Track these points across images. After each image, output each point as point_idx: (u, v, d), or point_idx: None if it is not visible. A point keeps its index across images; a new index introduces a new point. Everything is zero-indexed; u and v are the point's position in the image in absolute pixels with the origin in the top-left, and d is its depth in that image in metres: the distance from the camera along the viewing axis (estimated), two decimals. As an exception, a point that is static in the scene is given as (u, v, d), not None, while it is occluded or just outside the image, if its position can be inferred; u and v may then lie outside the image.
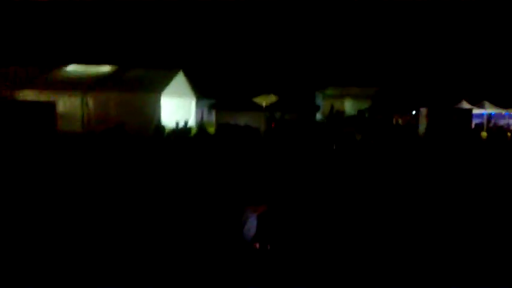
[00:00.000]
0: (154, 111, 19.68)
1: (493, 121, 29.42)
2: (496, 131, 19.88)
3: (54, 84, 20.45)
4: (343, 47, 37.14)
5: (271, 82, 30.23)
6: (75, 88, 20.08)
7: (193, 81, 25.60)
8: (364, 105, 33.33)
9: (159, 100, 20.09)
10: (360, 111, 31.09)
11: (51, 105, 16.04)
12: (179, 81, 23.63)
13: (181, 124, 17.75)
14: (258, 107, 23.10)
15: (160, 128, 15.52)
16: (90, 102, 19.70)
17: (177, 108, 24.32)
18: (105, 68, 23.41)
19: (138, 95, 20.02)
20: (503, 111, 32.07)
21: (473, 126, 21.70)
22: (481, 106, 31.31)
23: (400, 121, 24.98)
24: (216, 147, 10.67)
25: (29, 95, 19.52)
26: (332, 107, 31.47)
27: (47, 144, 11.71)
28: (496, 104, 32.40)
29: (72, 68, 23.44)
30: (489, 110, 31.29)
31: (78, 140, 15.00)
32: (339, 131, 18.00)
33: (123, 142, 12.15)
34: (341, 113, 32.32)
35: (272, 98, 24.87)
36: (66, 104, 19.56)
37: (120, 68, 23.38)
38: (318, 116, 30.06)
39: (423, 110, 18.26)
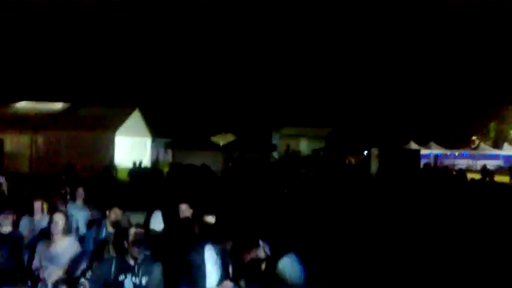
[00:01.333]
0: (107, 151, 19.15)
1: (439, 161, 30.92)
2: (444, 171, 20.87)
3: (1, 122, 19.54)
4: (298, 88, 38.42)
5: (228, 121, 30.51)
6: (24, 126, 19.28)
7: (149, 119, 25.35)
8: (319, 145, 34.29)
9: (113, 139, 19.62)
10: (314, 151, 31.86)
11: (-2, 144, 15.27)
12: (134, 119, 23.31)
13: (137, 164, 17.37)
14: (216, 146, 23.11)
15: (109, 169, 15.08)
16: (40, 141, 18.91)
17: (132, 147, 23.84)
18: (57, 106, 22.76)
19: (91, 134, 19.46)
20: (449, 152, 33.97)
21: (421, 166, 22.71)
22: (428, 147, 33.05)
23: (352, 161, 25.76)
24: (169, 188, 10.45)
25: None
26: (288, 147, 32.09)
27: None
28: (442, 144, 34.33)
29: (21, 105, 22.61)
30: (435, 150, 33.05)
31: (24, 181, 14.26)
32: (294, 171, 18.27)
33: (73, 184, 11.67)
34: (297, 152, 32.97)
35: (229, 137, 25.03)
36: (14, 142, 18.69)
37: (72, 106, 22.81)
38: (275, 154, 30.45)
39: (374, 150, 18.98)
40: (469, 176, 17.09)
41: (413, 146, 32.78)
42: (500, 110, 31.79)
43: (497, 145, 34.03)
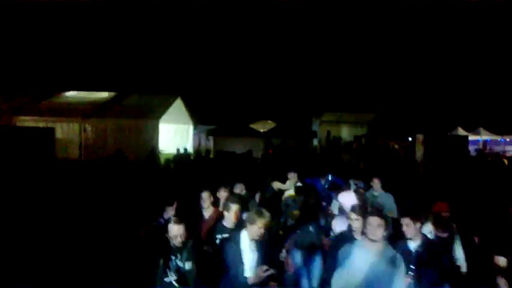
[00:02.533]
0: (151, 138, 19.68)
1: (488, 147, 29.59)
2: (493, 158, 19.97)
3: (52, 111, 20.49)
4: (339, 72, 37.64)
5: (268, 108, 30.43)
6: (74, 115, 20.13)
7: (190, 107, 25.77)
8: (361, 131, 33.59)
9: (157, 127, 20.14)
10: (356, 137, 31.30)
11: (50, 131, 16.02)
12: (177, 107, 23.78)
13: (181, 151, 17.77)
14: (256, 133, 23.23)
15: (154, 154, 15.52)
16: (88, 129, 19.71)
17: (175, 134, 24.40)
18: (103, 95, 23.58)
19: (135, 121, 20.06)
20: (499, 138, 32.34)
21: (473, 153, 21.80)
22: (477, 133, 31.58)
23: (396, 147, 25.08)
24: (215, 172, 10.64)
25: (27, 121, 19.55)
26: (329, 133, 31.69)
27: (47, 172, 11.67)
28: (491, 130, 32.69)
29: (70, 95, 23.60)
30: (484, 136, 31.56)
31: (77, 167, 14.94)
32: (336, 157, 18.05)
33: (123, 169, 12.14)
34: (338, 139, 32.52)
35: (269, 124, 25.05)
36: (64, 130, 19.57)
37: (117, 95, 23.55)
38: (315, 142, 30.17)
39: (419, 137, 18.34)
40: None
41: (461, 132, 31.45)
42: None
43: (553, 130, 32.04)
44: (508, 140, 32.06)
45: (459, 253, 5.60)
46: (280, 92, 36.51)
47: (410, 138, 24.82)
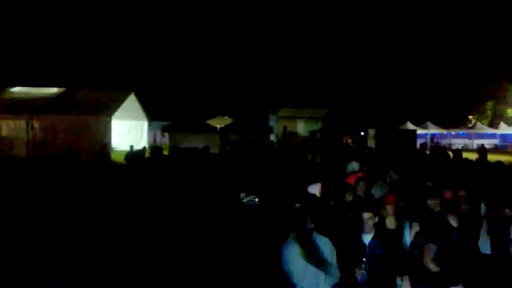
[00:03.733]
0: (104, 134, 19.10)
1: (435, 140, 31.04)
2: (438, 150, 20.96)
3: (-4, 107, 19.45)
4: (295, 68, 38.12)
5: (224, 104, 30.35)
6: (20, 111, 19.16)
7: (144, 103, 25.25)
8: (316, 126, 34.29)
9: (110, 123, 19.57)
10: (311, 133, 31.89)
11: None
12: (130, 103, 23.22)
13: (136, 148, 17.32)
14: (212, 129, 23.08)
15: (105, 152, 15.09)
16: (36, 125, 18.82)
17: (129, 131, 23.82)
18: (52, 90, 22.59)
19: (87, 118, 19.39)
20: (445, 131, 34.10)
21: (418, 146, 22.81)
22: (425, 127, 33.13)
23: (349, 141, 25.78)
24: (171, 168, 10.47)
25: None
26: (285, 128, 32.07)
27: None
28: (438, 124, 34.41)
29: (16, 90, 22.43)
30: (432, 130, 33.15)
31: (23, 165, 14.25)
32: (291, 152, 18.29)
33: (74, 166, 11.72)
34: (294, 134, 32.99)
35: (226, 120, 24.99)
36: (10, 127, 18.60)
37: (68, 90, 22.65)
38: (272, 137, 30.46)
39: (371, 131, 19.03)
40: (466, 154, 17.17)
41: (410, 126, 32.86)
42: (497, 89, 31.82)
43: (493, 124, 34.15)
44: (453, 133, 33.85)
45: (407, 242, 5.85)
46: (237, 87, 36.52)
47: (362, 133, 25.65)
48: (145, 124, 25.02)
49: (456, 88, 33.44)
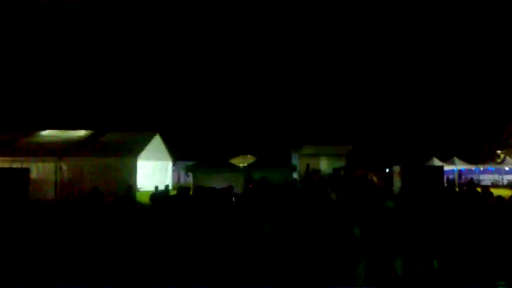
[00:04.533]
0: (129, 175, 19.41)
1: (463, 177, 30.23)
2: (467, 185, 20.36)
3: (27, 150, 20.10)
4: (317, 106, 38.41)
5: (247, 143, 30.64)
6: (49, 154, 19.76)
7: (169, 143, 25.72)
8: (339, 163, 33.97)
9: (135, 164, 19.92)
10: (335, 170, 31.56)
11: (25, 172, 15.65)
12: (155, 144, 23.69)
13: (161, 187, 17.50)
14: (236, 168, 23.17)
15: (130, 190, 15.25)
16: (64, 168, 19.32)
17: (153, 171, 24.19)
18: (80, 133, 23.31)
19: (113, 159, 19.80)
20: (473, 167, 33.19)
21: (445, 182, 22.23)
22: (452, 163, 32.37)
23: (374, 179, 25.39)
24: (195, 208, 10.49)
25: (2, 161, 19.07)
26: (308, 166, 31.88)
27: (19, 212, 11.31)
28: (466, 160, 33.59)
29: (46, 133, 23.25)
30: (459, 166, 32.34)
31: (52, 207, 14.53)
32: (314, 191, 18.07)
33: (100, 207, 11.87)
34: (317, 171, 32.70)
35: (249, 159, 25.11)
36: (40, 170, 19.14)
37: (95, 133, 23.32)
38: (295, 175, 30.27)
39: (396, 168, 18.68)
40: (496, 191, 16.62)
41: (436, 162, 32.18)
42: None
43: (523, 159, 33.11)
44: (481, 169, 32.91)
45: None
46: (260, 126, 36.91)
47: (387, 170, 25.24)
48: (169, 164, 25.37)
49: (483, 122, 32.85)
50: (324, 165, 35.50)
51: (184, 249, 7.35)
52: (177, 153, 26.62)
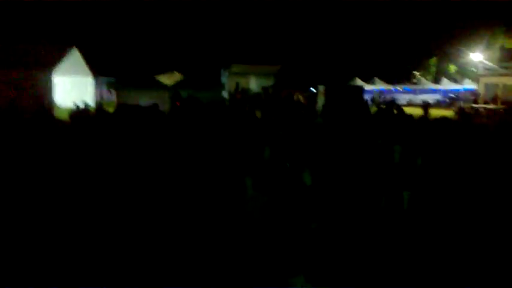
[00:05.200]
0: (45, 91, 18.08)
1: (383, 96, 32.03)
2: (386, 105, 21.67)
3: None
4: (246, 24, 37.43)
5: (174, 59, 29.47)
6: None
7: (89, 58, 24.01)
8: (268, 82, 34.26)
9: (50, 79, 18.49)
10: (264, 89, 31.87)
11: None
12: (73, 58, 21.99)
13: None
14: (162, 86, 22.48)
15: (46, 109, 14.34)
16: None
17: (72, 87, 22.70)
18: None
19: (26, 73, 18.18)
20: (392, 87, 35.25)
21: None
22: (372, 83, 34.08)
23: (300, 98, 26.07)
24: (116, 127, 10.13)
25: None
26: (237, 85, 31.81)
27: None
28: (386, 80, 35.47)
29: None
30: (379, 86, 34.17)
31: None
32: (241, 109, 18.25)
33: (17, 123, 11.08)
34: (246, 90, 32.83)
35: (177, 76, 24.36)
36: None
37: (4, 43, 21.03)
38: (224, 93, 30.16)
39: (321, 87, 19.26)
40: (410, 109, 17.94)
41: (359, 82, 33.65)
42: (441, 46, 32.95)
43: (437, 79, 35.64)
44: (399, 89, 35.04)
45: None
46: (188, 43, 35.45)
47: (313, 89, 25.99)
48: (90, 80, 23.90)
49: (402, 44, 34.29)
50: (254, 84, 35.65)
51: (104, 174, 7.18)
52: (98, 68, 25.02)
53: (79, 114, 13.13)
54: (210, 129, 10.18)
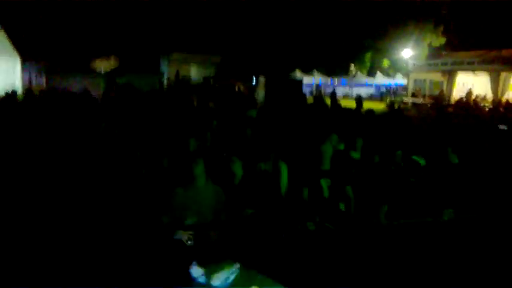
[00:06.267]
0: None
1: (318, 89, 32.92)
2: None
3: None
4: (188, 11, 36.58)
5: (110, 44, 28.14)
6: None
7: (16, 39, 22.38)
8: (209, 71, 34.02)
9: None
10: (205, 78, 31.58)
11: None
12: (-3, 39, 20.44)
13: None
14: (97, 72, 21.58)
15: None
16: None
17: (-3, 71, 21.15)
18: None
19: None
20: (329, 80, 36.34)
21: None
22: (311, 74, 34.97)
23: (242, 88, 26.15)
24: (43, 113, 9.54)
25: None
26: (178, 73, 31.23)
27: None
28: (325, 73, 36.47)
29: None
30: (317, 78, 35.13)
31: None
32: (185, 98, 17.98)
33: None
34: (187, 79, 32.36)
35: (112, 62, 23.46)
36: None
37: None
38: (164, 81, 29.51)
39: (261, 79, 19.43)
40: (346, 102, 18.65)
41: (299, 74, 34.35)
42: (375, 40, 34.29)
43: (371, 73, 37.18)
44: (336, 83, 36.18)
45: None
46: (126, 26, 33.96)
47: (254, 80, 26.13)
48: (18, 64, 22.32)
49: (340, 37, 35.22)
50: (194, 73, 35.22)
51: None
52: (27, 50, 23.36)
53: (5, 100, 12.26)
54: (143, 118, 9.90)
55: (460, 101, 23.04)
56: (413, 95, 27.61)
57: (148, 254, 3.84)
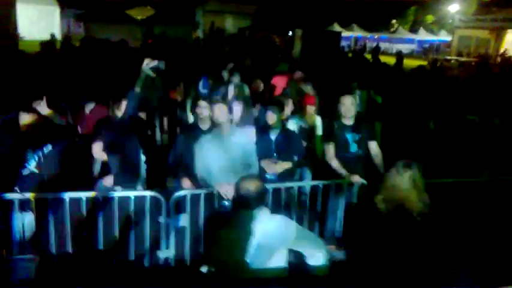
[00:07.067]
0: (7, 19, 16.92)
1: (359, 43, 31.87)
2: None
3: None
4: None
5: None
6: None
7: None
8: (245, 23, 33.16)
9: (14, 6, 17.23)
10: (240, 30, 30.93)
11: None
12: (38, -15, 20.57)
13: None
14: (133, 20, 21.54)
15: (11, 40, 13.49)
16: None
17: (39, 18, 21.44)
18: None
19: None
20: (369, 35, 34.97)
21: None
22: (350, 29, 33.65)
23: (277, 41, 25.53)
24: (82, 63, 9.65)
25: None
26: (212, 24, 30.70)
27: None
28: (364, 27, 35.04)
29: None
30: (356, 33, 33.83)
31: None
32: (218, 49, 17.79)
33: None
34: (221, 30, 31.80)
35: (148, 11, 23.29)
36: None
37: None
38: (199, 33, 29.15)
39: (298, 31, 18.83)
40: (384, 58, 17.95)
41: (337, 27, 33.14)
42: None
43: (414, 30, 35.51)
44: (376, 37, 34.81)
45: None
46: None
47: (290, 33, 25.44)
48: (57, 11, 22.55)
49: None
50: (230, 24, 34.45)
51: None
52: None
53: (46, 47, 12.45)
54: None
55: (507, 60, 21.81)
56: (459, 54, 26.29)
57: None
